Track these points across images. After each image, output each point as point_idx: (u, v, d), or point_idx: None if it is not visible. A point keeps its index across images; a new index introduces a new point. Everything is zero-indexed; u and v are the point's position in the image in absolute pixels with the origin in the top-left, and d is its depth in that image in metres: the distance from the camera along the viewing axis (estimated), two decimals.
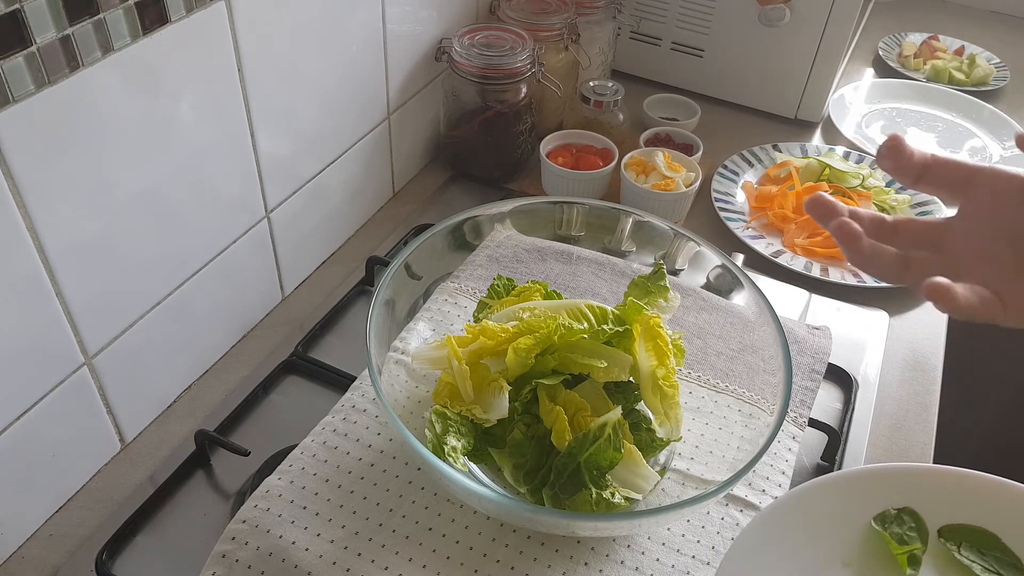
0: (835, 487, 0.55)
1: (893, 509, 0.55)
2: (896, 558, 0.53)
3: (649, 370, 0.64)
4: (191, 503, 0.67)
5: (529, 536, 0.61)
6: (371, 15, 0.85)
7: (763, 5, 1.11)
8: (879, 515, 0.54)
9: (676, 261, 0.77)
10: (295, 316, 0.85)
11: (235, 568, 0.58)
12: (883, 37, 1.45)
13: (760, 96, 1.21)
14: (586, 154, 1.01)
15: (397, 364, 0.70)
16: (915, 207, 1.03)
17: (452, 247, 0.77)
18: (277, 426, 0.73)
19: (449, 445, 0.59)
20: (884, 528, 0.54)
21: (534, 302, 0.69)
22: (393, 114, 0.96)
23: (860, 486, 0.55)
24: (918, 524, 0.54)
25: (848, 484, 0.55)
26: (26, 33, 0.51)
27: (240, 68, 0.70)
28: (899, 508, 0.55)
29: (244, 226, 0.78)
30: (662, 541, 0.62)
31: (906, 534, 0.54)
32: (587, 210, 0.80)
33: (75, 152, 0.57)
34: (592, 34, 1.10)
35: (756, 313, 0.68)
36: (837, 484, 0.55)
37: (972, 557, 0.54)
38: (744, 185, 1.05)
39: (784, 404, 0.60)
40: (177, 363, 0.75)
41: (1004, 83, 1.34)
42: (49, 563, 0.64)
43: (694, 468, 0.66)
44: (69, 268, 0.60)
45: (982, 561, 0.54)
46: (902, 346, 0.87)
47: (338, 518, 0.61)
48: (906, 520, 0.54)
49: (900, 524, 0.54)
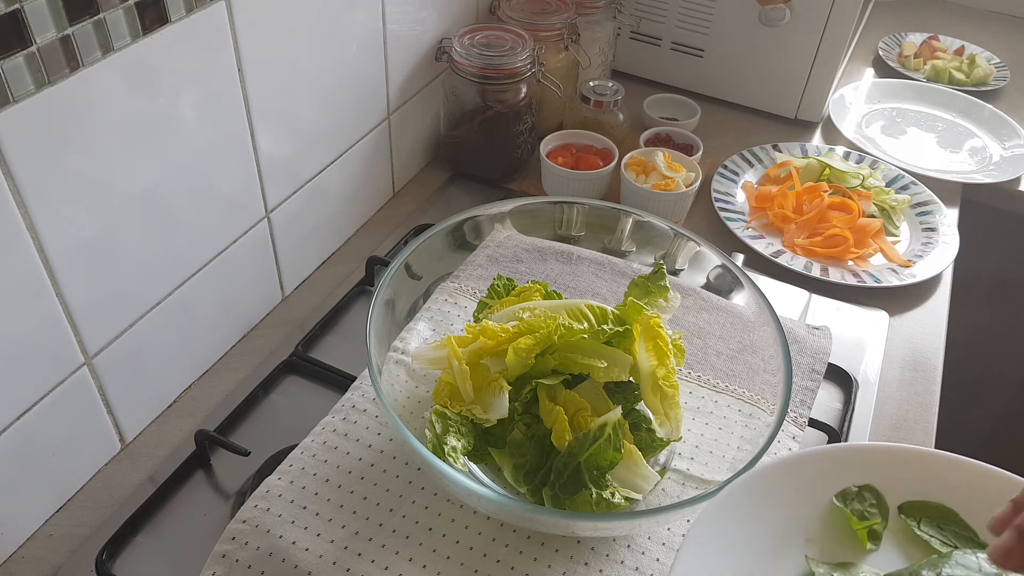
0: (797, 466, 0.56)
1: (854, 487, 0.56)
2: (857, 533, 0.54)
3: (649, 370, 0.64)
4: (191, 503, 0.67)
5: (529, 536, 0.61)
6: (371, 15, 0.85)
7: (763, 5, 1.11)
8: (840, 492, 0.56)
9: (676, 261, 0.77)
10: (295, 316, 0.85)
11: (235, 568, 0.58)
12: (883, 37, 1.45)
13: (760, 96, 1.21)
14: (586, 154, 1.01)
15: (397, 364, 0.70)
16: (915, 207, 1.03)
17: (452, 247, 0.77)
18: (277, 426, 0.73)
19: (449, 445, 0.60)
20: (845, 505, 0.55)
21: (534, 302, 0.69)
22: (393, 114, 0.96)
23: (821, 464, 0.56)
24: (879, 501, 0.56)
25: (810, 463, 0.56)
26: (26, 33, 0.51)
27: (240, 68, 0.70)
28: (860, 486, 0.56)
29: (244, 226, 0.78)
30: (662, 541, 0.62)
31: (867, 510, 0.55)
32: (587, 210, 0.80)
33: (75, 152, 0.57)
34: (592, 34, 1.10)
35: (756, 313, 0.68)
36: (799, 463, 0.56)
37: (931, 532, 0.55)
38: (744, 185, 1.05)
39: (784, 404, 0.60)
40: (177, 363, 0.75)
41: (1004, 83, 1.34)
42: (49, 563, 0.64)
43: (694, 468, 0.66)
44: (69, 268, 0.60)
45: (941, 536, 0.55)
46: (902, 346, 0.87)
47: (338, 518, 0.61)
48: (867, 497, 0.56)
49: (861, 501, 0.55)
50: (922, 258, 0.95)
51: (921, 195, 1.04)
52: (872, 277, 0.92)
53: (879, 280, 0.91)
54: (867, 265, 0.95)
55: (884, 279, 0.92)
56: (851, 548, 0.55)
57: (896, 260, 0.95)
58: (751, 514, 0.54)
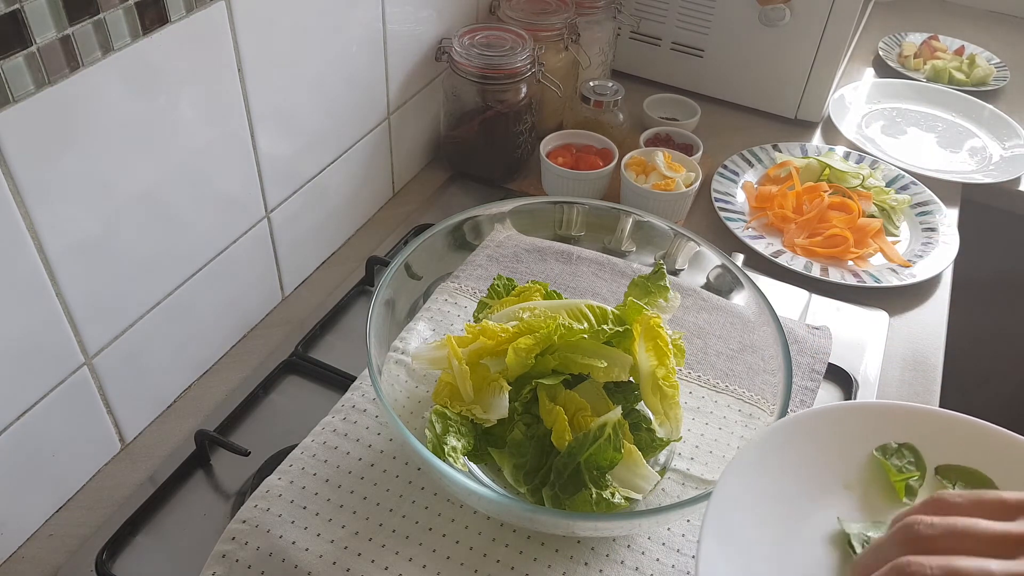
0: (842, 416, 0.57)
1: (895, 443, 0.57)
2: (894, 486, 0.56)
3: (649, 370, 0.64)
4: (191, 503, 0.67)
5: (529, 536, 0.61)
6: (371, 15, 0.85)
7: (763, 5, 1.11)
8: (881, 446, 0.57)
9: (676, 261, 0.77)
10: (295, 316, 0.85)
11: (235, 568, 0.58)
12: (883, 37, 1.45)
13: (760, 96, 1.21)
14: (586, 154, 1.01)
15: (397, 364, 0.70)
16: (915, 207, 1.03)
17: (452, 247, 0.77)
18: (277, 426, 0.73)
19: (449, 445, 0.60)
20: (885, 458, 0.56)
21: (534, 302, 0.69)
22: (393, 114, 0.96)
23: (866, 418, 0.57)
24: (917, 459, 0.57)
25: (855, 415, 0.57)
26: (26, 33, 0.51)
27: (240, 68, 0.70)
28: (900, 443, 0.57)
29: (244, 226, 0.78)
30: (662, 541, 0.62)
31: (905, 466, 0.56)
32: (587, 210, 0.80)
33: (75, 152, 0.57)
34: (592, 34, 1.10)
35: (756, 313, 0.68)
36: (845, 413, 0.57)
37: None
38: (744, 185, 1.05)
39: (784, 404, 0.60)
40: (177, 363, 0.75)
41: (1004, 83, 1.34)
42: (49, 563, 0.64)
43: (694, 468, 0.66)
44: (69, 268, 0.60)
45: None
46: (902, 346, 0.87)
47: (338, 518, 0.61)
48: (906, 454, 0.57)
49: (900, 457, 0.57)
50: (922, 258, 0.95)
51: (921, 195, 1.04)
52: (872, 277, 0.92)
53: (879, 280, 0.91)
54: (867, 265, 0.95)
55: (884, 279, 0.92)
56: (887, 499, 0.56)
57: (896, 260, 0.95)
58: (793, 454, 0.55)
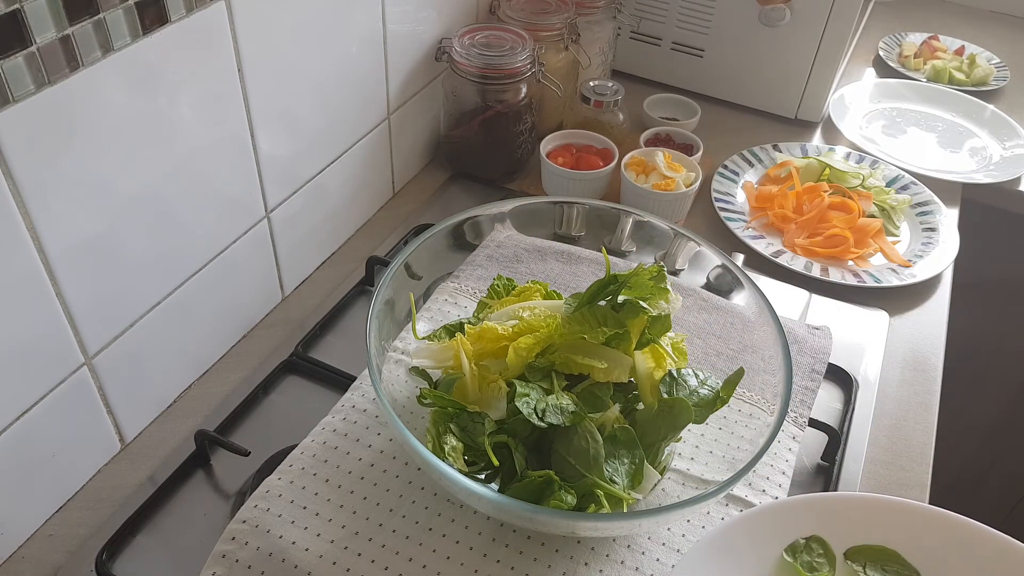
0: (749, 524, 0.59)
1: (802, 539, 0.59)
2: None
3: (647, 372, 0.64)
4: (191, 503, 0.68)
5: (529, 536, 0.61)
6: (371, 15, 0.85)
7: (763, 5, 1.11)
8: (790, 546, 0.59)
9: (676, 261, 0.77)
10: (295, 316, 0.85)
11: (235, 568, 0.58)
12: (883, 37, 1.45)
13: (760, 96, 1.21)
14: (586, 154, 1.01)
15: (397, 364, 0.70)
16: (915, 207, 1.03)
17: (452, 247, 0.77)
18: (277, 426, 0.73)
19: (449, 445, 0.59)
20: (795, 559, 0.58)
21: (534, 302, 0.69)
22: (393, 114, 0.96)
23: (774, 519, 0.59)
24: (825, 550, 0.59)
25: (760, 519, 0.59)
26: (26, 33, 0.51)
27: (240, 68, 0.70)
28: (807, 537, 0.59)
29: (244, 226, 0.78)
30: (662, 541, 0.62)
31: (815, 561, 0.58)
32: (587, 210, 0.80)
33: (75, 152, 0.57)
34: (592, 34, 1.10)
35: (756, 313, 0.68)
36: (750, 521, 0.59)
37: (876, 575, 0.58)
38: (744, 185, 1.05)
39: (784, 404, 0.60)
40: (177, 363, 0.75)
41: (1004, 83, 1.34)
42: (49, 563, 0.64)
43: (694, 468, 0.66)
44: (69, 268, 0.60)
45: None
46: (902, 346, 0.87)
47: (338, 518, 0.61)
48: (814, 548, 0.59)
49: (809, 552, 0.58)
50: (922, 258, 0.95)
51: (921, 195, 1.04)
52: (872, 277, 0.92)
53: (879, 280, 0.91)
54: (867, 265, 0.95)
55: (884, 279, 0.92)
56: None
57: (896, 260, 0.95)
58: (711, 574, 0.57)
